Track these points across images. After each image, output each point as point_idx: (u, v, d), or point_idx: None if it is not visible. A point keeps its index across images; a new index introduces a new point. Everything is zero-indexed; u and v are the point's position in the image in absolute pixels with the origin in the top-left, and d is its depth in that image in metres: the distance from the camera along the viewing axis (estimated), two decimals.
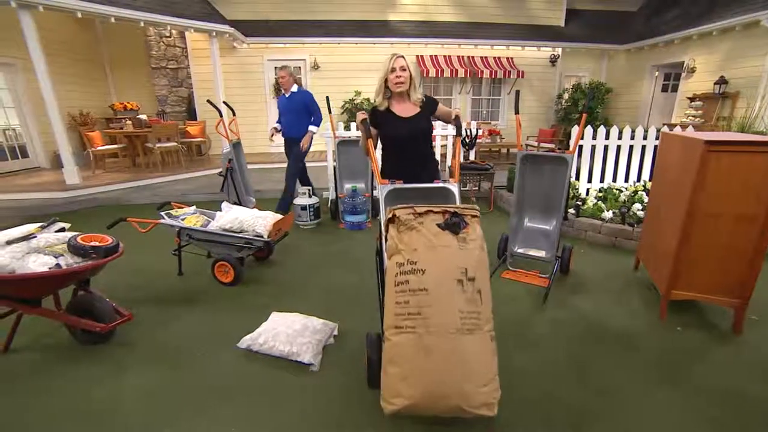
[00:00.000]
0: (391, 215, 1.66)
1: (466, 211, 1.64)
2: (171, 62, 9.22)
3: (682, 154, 2.55)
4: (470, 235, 1.62)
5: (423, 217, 1.62)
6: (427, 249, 1.57)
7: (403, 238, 1.62)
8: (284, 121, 4.52)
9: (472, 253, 1.59)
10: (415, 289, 1.54)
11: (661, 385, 2.02)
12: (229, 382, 2.03)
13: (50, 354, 2.28)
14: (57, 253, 2.25)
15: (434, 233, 1.59)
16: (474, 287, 1.55)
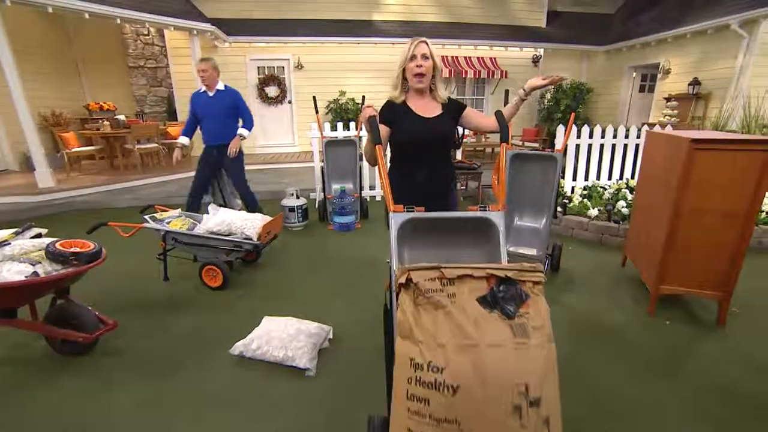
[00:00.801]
0: (405, 278, 1.08)
1: (525, 275, 1.07)
2: (149, 61, 8.97)
3: (668, 152, 2.61)
4: (532, 318, 1.04)
5: (456, 285, 1.06)
6: (461, 349, 1.00)
7: (422, 320, 1.05)
8: (207, 126, 3.76)
9: (537, 354, 1.01)
10: (440, 418, 0.98)
11: (655, 380, 2.06)
12: (223, 390, 1.97)
13: (30, 366, 2.16)
14: (34, 261, 2.12)
15: (474, 318, 1.03)
16: (538, 416, 0.98)
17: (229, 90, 3.79)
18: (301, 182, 6.48)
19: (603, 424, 1.78)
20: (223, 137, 3.76)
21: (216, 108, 3.70)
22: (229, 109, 3.75)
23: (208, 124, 3.76)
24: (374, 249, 3.85)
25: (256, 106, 8.81)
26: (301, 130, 9.11)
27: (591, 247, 3.85)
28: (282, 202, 4.42)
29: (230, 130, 3.79)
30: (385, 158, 1.58)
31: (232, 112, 3.77)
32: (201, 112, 3.72)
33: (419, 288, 1.07)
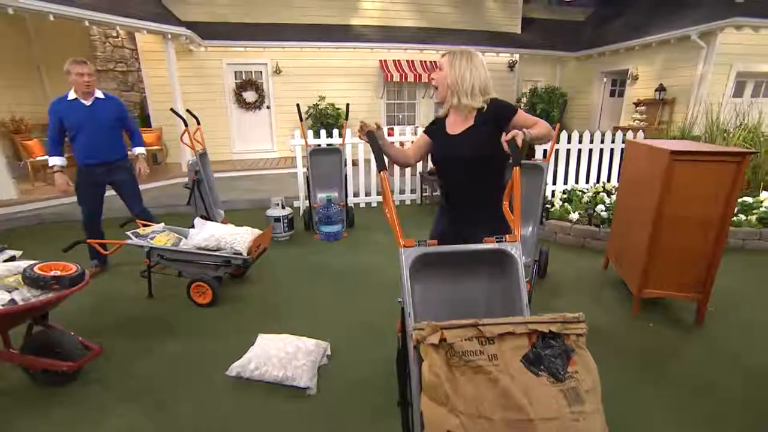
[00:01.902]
0: (437, 339, 0.96)
1: (570, 327, 0.99)
2: (120, 64, 8.62)
3: (649, 162, 2.74)
4: (583, 379, 0.95)
5: (496, 344, 0.94)
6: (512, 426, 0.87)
7: (459, 385, 0.92)
8: (84, 141, 3.11)
9: (595, 423, 0.91)
10: None
11: (643, 382, 2.15)
12: (223, 415, 1.91)
13: (8, 399, 2.02)
14: (10, 287, 2.00)
15: (523, 385, 0.90)
16: None
17: (110, 98, 3.34)
18: (284, 189, 6.38)
19: None
20: (108, 153, 3.23)
21: (97, 119, 3.13)
22: (114, 121, 3.26)
23: (85, 138, 3.11)
24: (363, 258, 3.84)
25: (234, 112, 8.63)
26: (280, 135, 8.98)
27: (574, 251, 3.98)
28: (267, 212, 4.34)
29: (116, 145, 3.29)
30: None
31: (117, 125, 3.29)
32: (74, 124, 3.07)
33: (454, 349, 0.94)
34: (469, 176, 1.73)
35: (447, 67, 1.70)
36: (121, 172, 3.42)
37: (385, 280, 3.31)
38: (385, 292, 3.08)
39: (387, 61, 8.95)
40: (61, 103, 3.13)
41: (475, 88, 1.68)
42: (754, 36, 6.75)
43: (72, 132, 3.12)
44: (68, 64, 3.02)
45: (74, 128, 3.11)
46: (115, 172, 3.38)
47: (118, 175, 3.41)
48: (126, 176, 3.47)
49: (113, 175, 3.38)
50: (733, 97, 7.17)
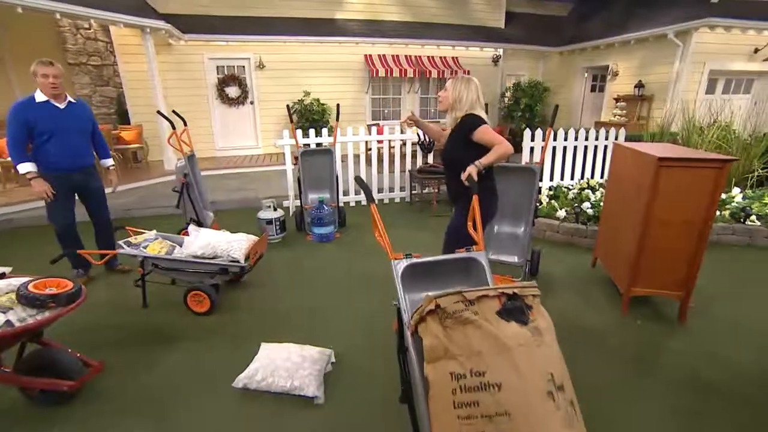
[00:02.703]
0: (433, 306, 1.24)
1: (525, 289, 1.29)
2: (93, 58, 8.27)
3: (636, 166, 2.85)
4: (539, 321, 1.26)
5: (476, 304, 1.22)
6: (496, 351, 1.16)
7: (454, 337, 1.20)
8: (60, 145, 2.95)
9: (552, 348, 1.23)
10: (491, 413, 1.10)
11: (635, 378, 2.27)
12: (231, 428, 1.92)
13: (4, 421, 1.97)
14: (4, 307, 1.94)
15: (501, 328, 1.20)
16: (565, 399, 1.15)
17: (81, 103, 3.23)
18: (271, 188, 6.31)
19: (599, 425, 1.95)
20: (85, 158, 3.16)
21: (72, 123, 3.02)
22: (88, 124, 3.19)
23: (61, 142, 2.96)
24: (357, 260, 3.87)
25: (217, 108, 8.42)
26: (264, 132, 8.84)
27: (562, 249, 4.11)
28: (259, 215, 4.30)
29: (90, 150, 3.25)
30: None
31: (88, 129, 3.22)
32: (48, 129, 2.89)
33: (446, 311, 1.23)
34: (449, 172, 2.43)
35: (453, 90, 2.29)
36: (95, 179, 3.33)
37: (381, 282, 3.35)
38: (382, 293, 3.12)
39: (372, 55, 8.88)
40: (29, 107, 2.89)
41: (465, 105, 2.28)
42: (726, 35, 7.02)
43: (44, 137, 2.91)
44: (34, 65, 2.86)
45: (48, 133, 2.91)
46: (91, 179, 3.29)
47: (93, 182, 3.31)
48: (99, 183, 3.37)
49: (89, 181, 3.27)
50: (705, 94, 7.46)
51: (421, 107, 9.93)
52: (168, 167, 7.22)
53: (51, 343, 2.16)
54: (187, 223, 4.23)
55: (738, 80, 7.75)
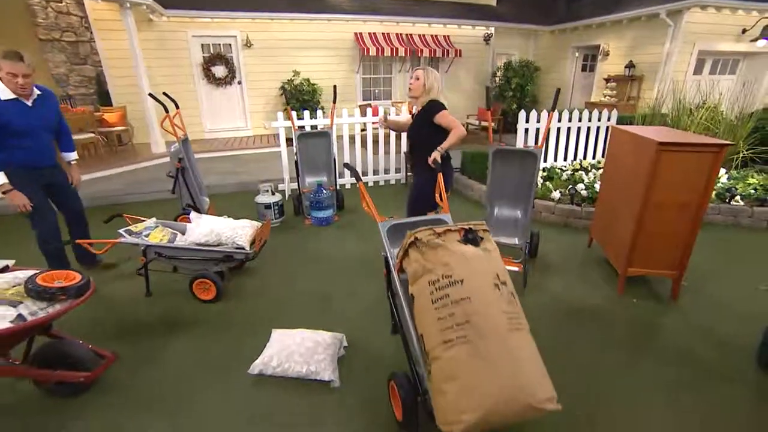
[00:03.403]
0: (412, 239, 1.67)
1: (478, 226, 1.77)
2: (67, 33, 7.82)
3: (634, 150, 2.91)
4: (488, 245, 1.73)
5: (444, 235, 1.67)
6: (459, 261, 1.60)
7: (429, 257, 1.63)
8: (29, 145, 2.70)
9: (497, 260, 1.70)
10: (457, 299, 1.52)
11: (633, 355, 2.39)
12: (250, 412, 1.96)
13: (21, 414, 1.97)
14: (14, 301, 1.91)
15: (461, 248, 1.65)
16: (508, 290, 1.62)
17: (48, 93, 2.85)
18: (266, 171, 6.22)
19: (590, 398, 2.06)
20: (51, 156, 2.92)
21: (42, 120, 2.73)
22: (55, 119, 2.88)
23: (30, 142, 2.69)
24: (358, 244, 3.89)
25: (203, 88, 8.15)
26: (253, 113, 8.62)
27: (558, 230, 4.20)
28: (257, 199, 4.25)
29: (52, 145, 2.95)
30: None
31: (55, 124, 2.90)
32: (20, 129, 2.61)
33: (422, 241, 1.67)
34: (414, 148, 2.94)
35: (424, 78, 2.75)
36: (60, 173, 3.04)
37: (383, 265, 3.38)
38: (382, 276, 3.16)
39: (362, 34, 8.66)
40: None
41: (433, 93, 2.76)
42: (716, 15, 7.07)
43: (13, 140, 2.62)
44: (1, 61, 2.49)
45: (18, 132, 2.61)
46: (57, 173, 3.00)
47: (59, 176, 3.03)
48: (65, 177, 3.08)
49: (55, 176, 2.99)
50: (693, 74, 7.56)
51: None
52: (156, 150, 7.02)
53: (61, 335, 2.15)
54: (183, 208, 4.17)
55: (725, 61, 7.87)
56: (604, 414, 1.98)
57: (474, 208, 4.88)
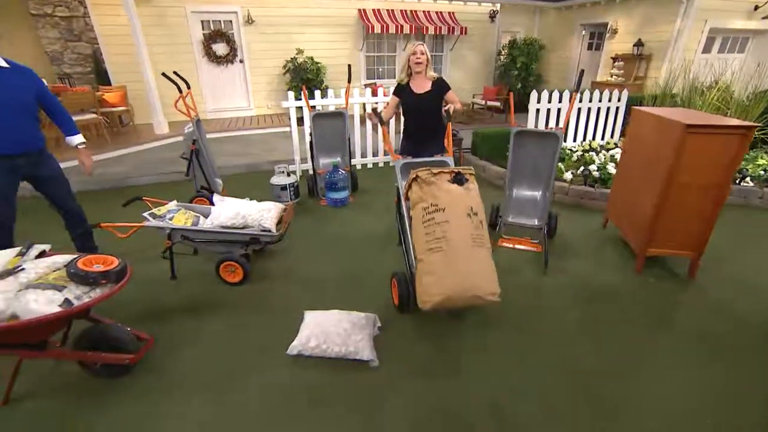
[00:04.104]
0: (414, 176, 2.23)
1: (465, 170, 2.29)
2: (59, 8, 7.53)
3: (658, 131, 2.91)
4: (471, 185, 2.28)
5: (438, 176, 2.21)
6: (444, 194, 2.17)
7: (424, 190, 2.20)
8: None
9: (475, 196, 2.25)
10: (440, 221, 2.13)
11: (654, 333, 2.47)
12: (293, 392, 2.01)
13: (67, 397, 2.00)
14: (59, 286, 1.91)
15: (447, 185, 2.20)
16: (478, 219, 2.19)
17: (21, 68, 2.48)
18: (274, 151, 6.16)
19: (616, 375, 2.14)
20: (27, 143, 2.51)
21: (10, 94, 2.37)
22: (28, 96, 2.47)
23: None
24: (376, 224, 3.90)
25: (204, 66, 7.94)
26: (256, 92, 8.45)
27: (572, 211, 4.24)
28: (272, 180, 4.22)
29: (34, 129, 2.55)
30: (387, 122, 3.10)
31: (30, 104, 2.50)
32: None
33: (422, 178, 2.20)
34: (428, 119, 3.18)
35: (427, 53, 3.09)
36: (47, 165, 2.68)
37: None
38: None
39: (366, 10, 8.43)
40: None
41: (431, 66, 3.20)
42: None
43: None
44: None
45: None
46: (40, 166, 2.64)
47: (43, 169, 2.65)
48: (53, 171, 2.72)
49: (38, 169, 2.63)
50: (702, 53, 7.49)
51: None
52: (159, 131, 6.90)
53: (102, 319, 2.16)
54: (198, 191, 4.14)
55: (734, 39, 7.78)
56: (629, 390, 2.05)
57: (487, 189, 4.88)
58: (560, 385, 2.07)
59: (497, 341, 2.37)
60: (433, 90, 3.14)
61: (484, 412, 1.91)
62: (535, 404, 1.95)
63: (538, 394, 2.01)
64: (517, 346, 2.33)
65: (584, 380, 2.10)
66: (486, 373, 2.14)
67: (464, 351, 2.29)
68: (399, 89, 3.22)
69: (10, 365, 1.95)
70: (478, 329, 2.47)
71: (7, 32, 7.42)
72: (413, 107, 3.20)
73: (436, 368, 2.16)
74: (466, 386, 2.05)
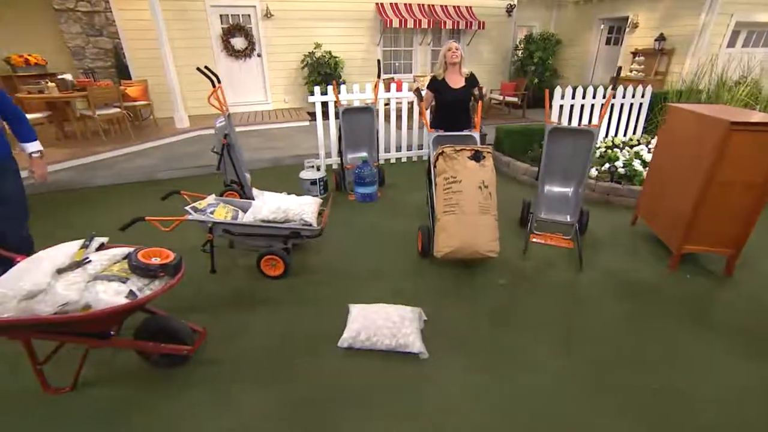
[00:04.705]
0: (441, 151, 2.78)
1: (483, 149, 2.78)
2: (82, 2, 7.58)
3: (699, 129, 2.90)
4: (486, 162, 2.78)
5: (459, 152, 2.75)
6: (462, 169, 2.72)
7: (447, 163, 2.76)
8: None
9: (488, 171, 2.76)
10: (455, 191, 2.70)
11: (694, 329, 2.49)
12: (349, 382, 2.06)
13: (128, 385, 2.06)
14: (123, 277, 1.97)
15: (465, 161, 2.73)
16: (488, 191, 2.73)
17: None
18: (296, 146, 6.19)
19: (661, 370, 2.17)
20: None
21: None
22: None
23: None
24: (407, 219, 3.91)
25: (222, 60, 7.97)
26: (274, 86, 8.47)
27: (599, 207, 4.23)
28: (301, 175, 4.27)
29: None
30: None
31: None
32: None
33: (447, 154, 2.75)
34: (460, 108, 3.64)
35: (461, 52, 3.50)
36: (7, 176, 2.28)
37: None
38: None
39: (384, 4, 8.39)
40: None
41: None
42: None
43: None
44: None
45: None
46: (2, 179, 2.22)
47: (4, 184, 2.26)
48: (12, 185, 2.32)
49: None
50: (727, 47, 7.39)
51: (432, 60, 9.57)
52: (180, 125, 6.96)
53: (155, 310, 2.22)
54: (227, 184, 4.19)
55: (759, 33, 7.66)
56: (674, 383, 2.08)
57: (512, 185, 4.89)
58: (610, 377, 2.10)
59: (546, 334, 2.41)
60: (467, 85, 3.56)
61: (540, 404, 1.95)
62: (584, 395, 1.99)
63: (587, 386, 2.05)
64: (564, 339, 2.37)
65: (636, 372, 2.13)
66: (536, 368, 2.18)
67: (513, 347, 2.33)
68: (435, 82, 3.56)
69: (73, 354, 2.02)
70: (527, 328, 2.51)
71: (30, 27, 7.50)
72: (450, 100, 3.57)
73: (484, 362, 2.20)
74: (515, 378, 2.09)
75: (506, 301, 2.73)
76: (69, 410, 1.92)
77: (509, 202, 3.98)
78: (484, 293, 2.81)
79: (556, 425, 1.85)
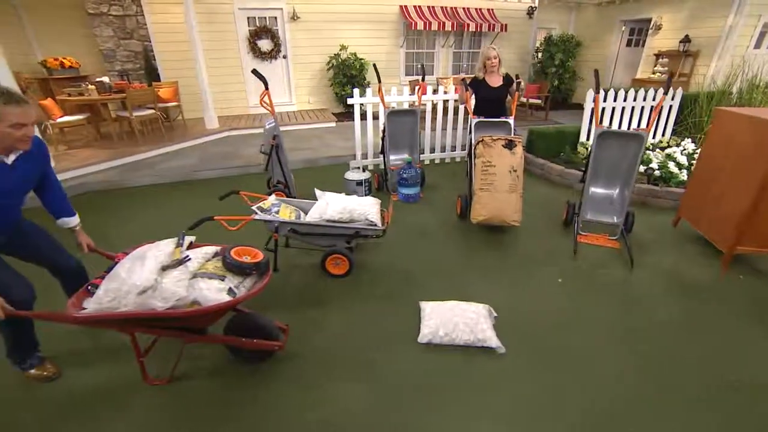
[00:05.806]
0: (481, 138, 3.43)
1: (515, 138, 3.43)
2: (114, 7, 7.71)
3: (754, 132, 2.97)
4: (517, 150, 3.40)
5: (495, 141, 3.40)
6: (497, 156, 3.37)
7: (486, 150, 3.41)
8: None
9: (517, 158, 3.39)
10: (490, 173, 3.37)
11: (753, 327, 2.55)
12: (435, 375, 2.14)
13: (219, 379, 2.15)
14: (220, 275, 2.06)
15: (499, 149, 3.38)
16: (516, 174, 3.37)
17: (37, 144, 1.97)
18: (329, 147, 6.28)
19: (723, 366, 2.24)
20: (16, 219, 2.06)
21: (16, 183, 1.90)
22: (34, 182, 2.05)
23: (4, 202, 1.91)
24: (449, 219, 4.00)
25: (249, 62, 8.08)
26: (298, 87, 8.58)
27: (638, 209, 4.28)
28: (347, 176, 4.35)
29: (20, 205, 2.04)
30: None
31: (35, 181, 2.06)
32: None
33: (485, 141, 3.42)
34: (498, 103, 4.20)
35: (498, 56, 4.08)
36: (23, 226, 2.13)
37: (490, 238, 3.59)
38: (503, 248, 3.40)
39: (408, 6, 8.47)
40: None
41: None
42: None
43: None
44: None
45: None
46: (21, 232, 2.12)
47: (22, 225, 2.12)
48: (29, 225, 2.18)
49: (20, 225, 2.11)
50: (754, 48, 7.41)
51: (454, 62, 9.66)
52: (210, 126, 7.07)
53: (243, 309, 2.30)
54: (274, 185, 4.28)
55: None
56: (753, 378, 2.15)
57: (546, 186, 4.95)
58: (683, 372, 2.18)
59: (608, 332, 2.48)
60: (504, 84, 4.17)
61: (614, 396, 2.02)
62: (652, 389, 2.06)
63: (664, 381, 2.12)
64: (626, 337, 2.44)
65: (712, 366, 2.21)
66: (606, 366, 2.25)
67: (580, 346, 2.40)
68: (476, 82, 4.16)
69: (167, 348, 2.12)
70: (589, 326, 2.58)
71: (69, 31, 7.65)
72: (489, 97, 4.17)
73: (556, 359, 2.28)
74: (588, 376, 2.17)
75: (566, 299, 2.80)
76: (168, 401, 2.02)
77: (547, 204, 4.08)
78: (545, 290, 2.89)
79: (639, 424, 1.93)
